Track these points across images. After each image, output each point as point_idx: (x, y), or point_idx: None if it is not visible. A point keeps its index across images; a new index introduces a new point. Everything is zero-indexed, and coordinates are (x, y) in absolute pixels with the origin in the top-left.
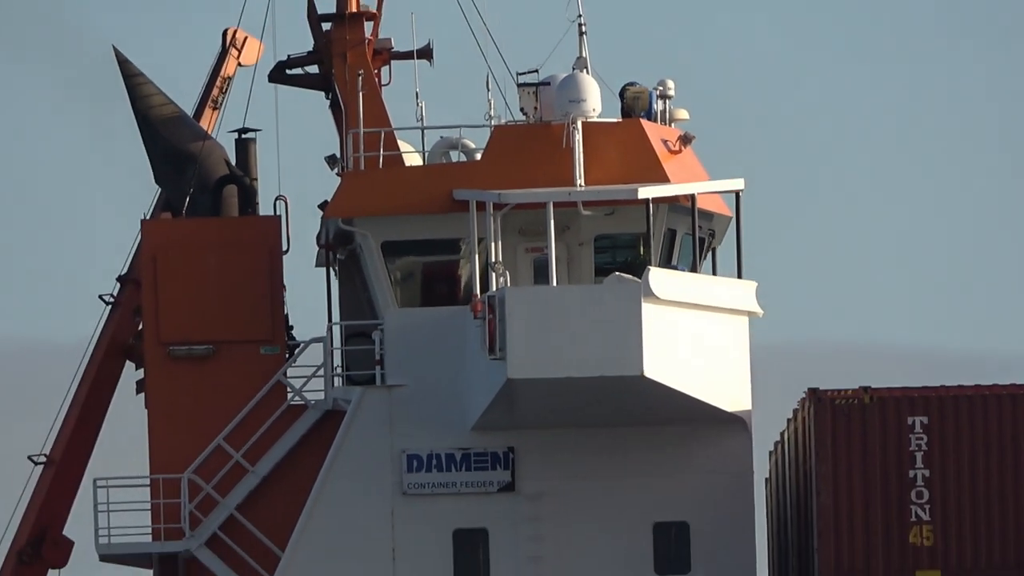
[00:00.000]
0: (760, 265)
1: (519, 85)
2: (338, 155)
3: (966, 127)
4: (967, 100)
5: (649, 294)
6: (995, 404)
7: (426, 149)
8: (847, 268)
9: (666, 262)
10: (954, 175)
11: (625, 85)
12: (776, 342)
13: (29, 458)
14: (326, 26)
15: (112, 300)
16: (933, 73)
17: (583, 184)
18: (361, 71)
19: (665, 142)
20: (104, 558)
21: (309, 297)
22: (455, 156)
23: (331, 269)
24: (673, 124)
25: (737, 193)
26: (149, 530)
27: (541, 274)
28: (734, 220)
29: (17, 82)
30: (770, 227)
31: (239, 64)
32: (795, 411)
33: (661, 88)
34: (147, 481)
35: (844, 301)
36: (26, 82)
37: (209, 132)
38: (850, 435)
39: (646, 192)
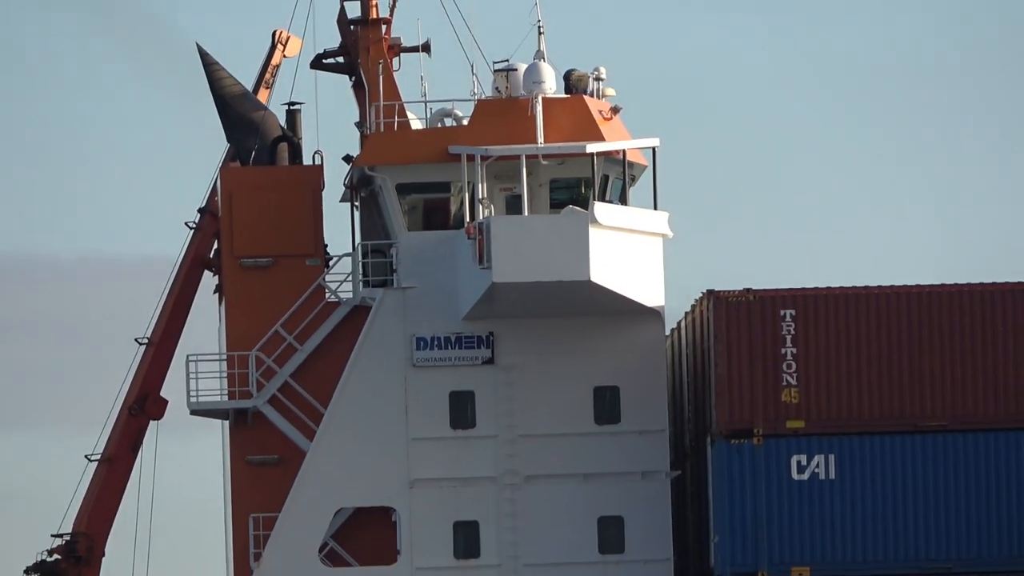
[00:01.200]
0: (669, 200)
1: (495, 71)
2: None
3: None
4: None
5: (594, 221)
6: (843, 300)
7: (427, 117)
8: (737, 203)
9: (601, 198)
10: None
11: (569, 71)
12: (680, 256)
13: (136, 340)
14: (350, 27)
15: (195, 226)
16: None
17: (543, 142)
18: (381, 61)
19: (600, 112)
20: (194, 412)
21: (337, 224)
22: (448, 122)
23: (353, 204)
24: (605, 99)
25: (654, 148)
26: (226, 392)
27: (512, 207)
28: (650, 167)
29: (126, 67)
30: (677, 172)
31: (284, 56)
32: (692, 306)
33: (596, 73)
34: (224, 356)
35: (734, 226)
36: (133, 67)
37: (265, 105)
38: (738, 324)
39: (591, 148)
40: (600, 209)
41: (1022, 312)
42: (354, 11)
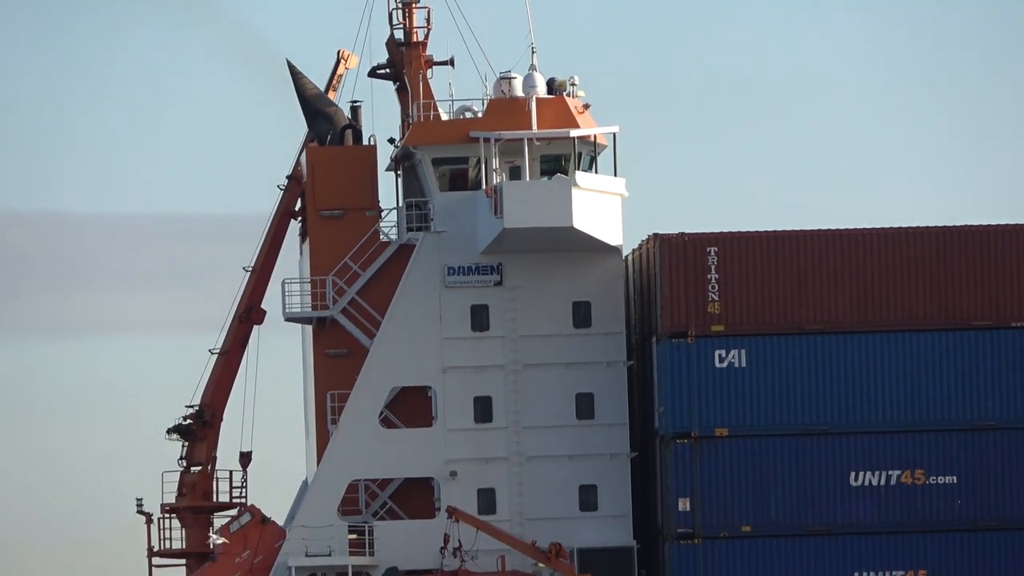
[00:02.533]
0: (627, 169)
1: (500, 78)
2: (396, 139)
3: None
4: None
5: (575, 185)
6: (749, 239)
7: (452, 111)
8: (674, 170)
9: (578, 169)
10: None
11: (552, 79)
12: (633, 208)
13: (243, 269)
14: (397, 48)
15: (284, 188)
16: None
17: (537, 129)
18: (420, 72)
19: (575, 107)
20: (287, 319)
21: (386, 186)
22: (468, 115)
23: (397, 173)
24: (577, 98)
25: (614, 133)
26: (309, 305)
27: (514, 175)
28: (611, 146)
29: (225, 71)
30: (631, 150)
31: (346, 68)
32: (641, 244)
33: (572, 80)
34: (309, 279)
35: (673, 187)
36: (233, 73)
37: (335, 102)
38: (675, 256)
39: (573, 133)
40: (579, 176)
41: (879, 247)
42: (399, 36)
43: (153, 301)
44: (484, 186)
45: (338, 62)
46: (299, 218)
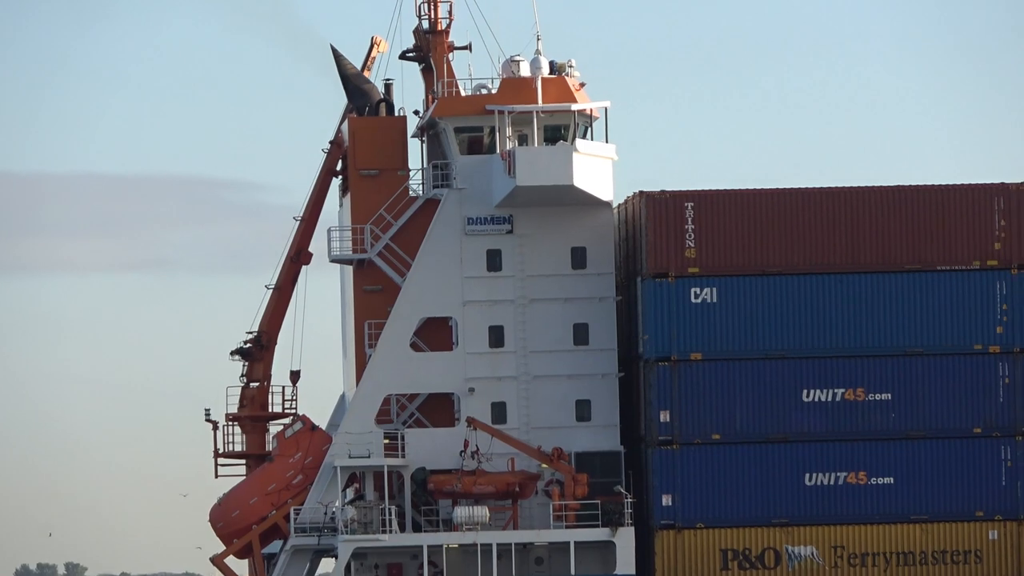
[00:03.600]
0: (616, 137)
1: (509, 61)
2: (421, 111)
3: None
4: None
5: (576, 150)
6: (720, 196)
7: (471, 88)
8: (662, 136)
9: (573, 138)
10: None
11: (553, 61)
12: (621, 170)
13: (293, 218)
14: (424, 35)
15: (327, 151)
16: None
17: (542, 103)
18: (445, 56)
19: (573, 86)
20: (332, 260)
21: (413, 150)
22: (484, 91)
23: (422, 140)
24: (574, 78)
25: (606, 108)
26: (350, 248)
27: (522, 142)
28: (603, 118)
29: (275, 56)
30: (620, 121)
31: (379, 51)
32: (627, 199)
33: (570, 62)
34: (350, 227)
35: (655, 151)
36: (278, 56)
37: (370, 80)
38: (658, 210)
39: (573, 107)
40: (579, 143)
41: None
42: (425, 25)
43: (218, 245)
44: (498, 151)
45: (372, 47)
46: (340, 176)
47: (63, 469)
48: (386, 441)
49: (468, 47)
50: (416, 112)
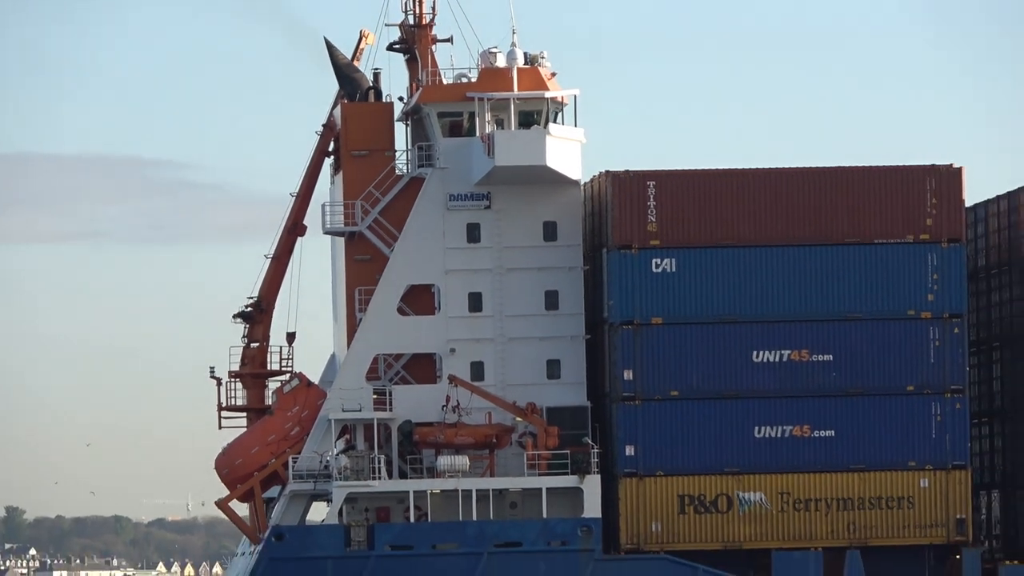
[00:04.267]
0: (584, 120)
1: (488, 52)
2: (406, 98)
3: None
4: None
5: (548, 133)
6: (678, 175)
7: (453, 77)
8: (625, 122)
9: (546, 122)
10: None
11: (526, 52)
12: (588, 151)
13: (289, 194)
14: (410, 28)
15: (320, 133)
16: None
17: (518, 91)
18: (429, 48)
19: (545, 75)
20: (326, 232)
21: (399, 132)
22: (464, 80)
23: (407, 124)
24: (546, 68)
25: (575, 95)
26: (342, 221)
27: (499, 126)
28: (572, 104)
29: (273, 46)
30: (588, 107)
31: (367, 43)
32: (593, 179)
33: (541, 54)
34: (342, 203)
35: (619, 134)
36: (279, 46)
37: (360, 69)
38: (622, 188)
39: (546, 94)
40: (551, 127)
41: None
42: (411, 20)
43: (223, 225)
44: (478, 134)
45: (360, 39)
46: (331, 157)
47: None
48: (375, 396)
49: (449, 40)
50: (401, 98)
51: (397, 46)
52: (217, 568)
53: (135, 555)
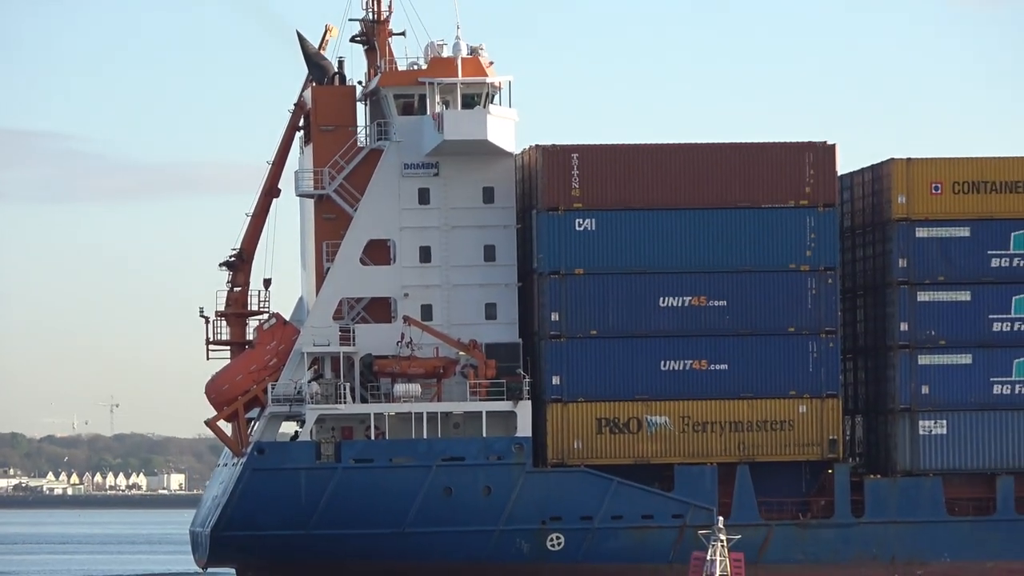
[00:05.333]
0: (518, 102)
1: (436, 44)
2: (364, 82)
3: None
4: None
5: (489, 113)
6: (598, 149)
7: (407, 65)
8: (555, 100)
9: (485, 103)
10: None
11: (469, 44)
12: (521, 128)
13: (266, 161)
14: (370, 23)
15: (292, 110)
16: None
17: (462, 76)
18: (385, 40)
19: (484, 64)
20: (299, 194)
21: (360, 110)
22: (416, 67)
23: (366, 104)
24: (484, 58)
25: (510, 81)
26: (312, 184)
27: (448, 106)
28: (507, 88)
29: (251, 39)
30: (520, 90)
31: (331, 36)
32: (524, 151)
33: (481, 47)
34: (312, 170)
35: (549, 113)
36: (252, 34)
37: (327, 58)
38: (550, 159)
39: (486, 80)
40: (491, 107)
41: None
42: (371, 16)
43: (215, 192)
44: (428, 113)
45: (326, 32)
46: (301, 131)
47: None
48: (341, 333)
49: (403, 33)
50: (360, 83)
51: (358, 38)
52: (98, 477)
53: (28, 465)
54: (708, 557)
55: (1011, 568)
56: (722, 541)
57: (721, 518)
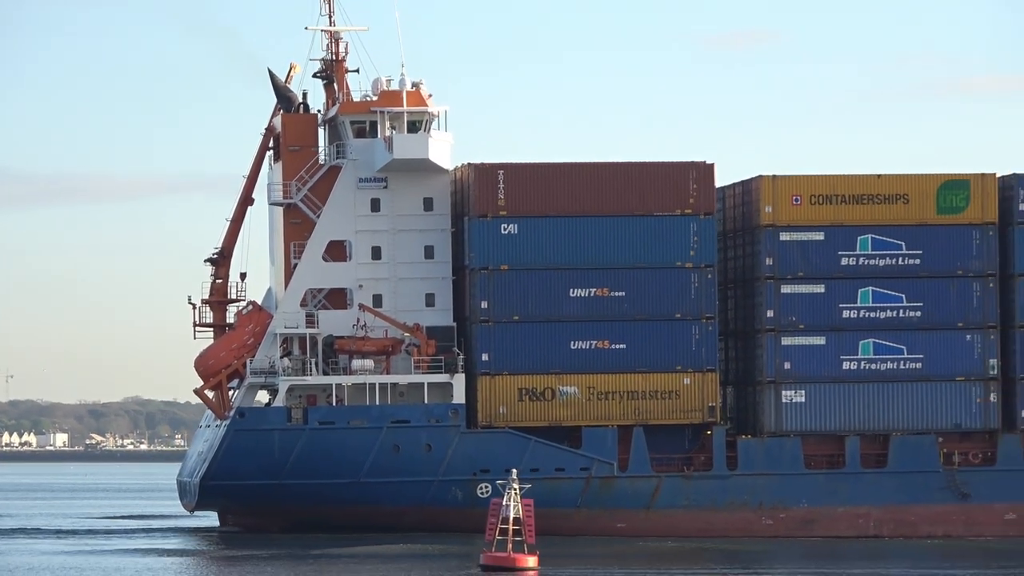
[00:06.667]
0: (453, 127)
1: (385, 79)
2: (322, 110)
3: None
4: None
5: (430, 137)
6: (520, 167)
7: (361, 97)
8: (484, 125)
9: (426, 129)
10: None
11: (412, 80)
12: (456, 149)
13: (242, 176)
14: (330, 62)
15: (263, 133)
16: None
17: (407, 107)
18: (343, 75)
19: (424, 96)
20: (271, 203)
21: (320, 135)
22: (368, 99)
23: (325, 129)
24: (424, 91)
25: (446, 110)
26: (282, 196)
27: (395, 131)
28: (443, 115)
29: (221, 69)
30: (455, 117)
31: (295, 72)
32: (457, 168)
33: (420, 82)
34: (282, 183)
35: (480, 135)
36: (224, 69)
37: (292, 91)
38: (480, 175)
39: (428, 109)
40: (433, 132)
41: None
42: (330, 56)
43: (193, 183)
44: (379, 136)
45: (291, 69)
46: (272, 150)
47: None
48: (307, 318)
49: (357, 70)
50: (320, 111)
51: (319, 75)
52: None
53: None
54: (504, 503)
55: (857, 512)
56: (516, 489)
57: (515, 470)
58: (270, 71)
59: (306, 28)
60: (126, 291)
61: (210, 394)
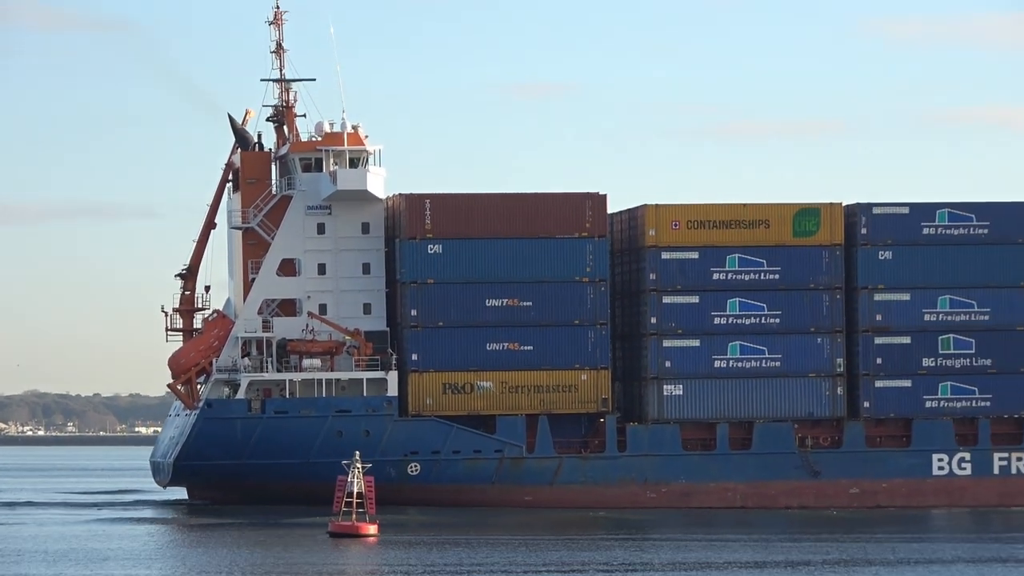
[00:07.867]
0: (386, 162)
1: (328, 122)
2: (274, 150)
3: None
4: None
5: (368, 171)
6: (449, 196)
7: (309, 137)
8: (415, 159)
9: (365, 164)
10: None
11: (351, 123)
12: (390, 181)
13: (206, 204)
14: (281, 109)
15: (224, 167)
16: None
17: (348, 146)
18: (292, 119)
19: (361, 136)
20: (231, 227)
21: (273, 171)
22: (315, 139)
23: (277, 164)
24: (362, 133)
25: (380, 149)
26: (240, 221)
27: (338, 166)
28: (377, 153)
29: (180, 108)
30: (390, 154)
31: (250, 117)
32: (390, 198)
33: (358, 124)
34: (240, 209)
35: (411, 168)
36: (183, 109)
37: (249, 133)
38: (410, 203)
39: (366, 148)
40: (370, 167)
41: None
42: (281, 103)
43: (169, 214)
44: (324, 171)
45: (246, 114)
46: (231, 182)
47: None
48: (264, 323)
49: (304, 115)
50: (270, 150)
51: (272, 119)
52: None
53: None
54: (348, 479)
55: (726, 487)
56: (359, 468)
57: (358, 452)
58: (230, 116)
59: (261, 80)
60: (100, 299)
61: (181, 388)
